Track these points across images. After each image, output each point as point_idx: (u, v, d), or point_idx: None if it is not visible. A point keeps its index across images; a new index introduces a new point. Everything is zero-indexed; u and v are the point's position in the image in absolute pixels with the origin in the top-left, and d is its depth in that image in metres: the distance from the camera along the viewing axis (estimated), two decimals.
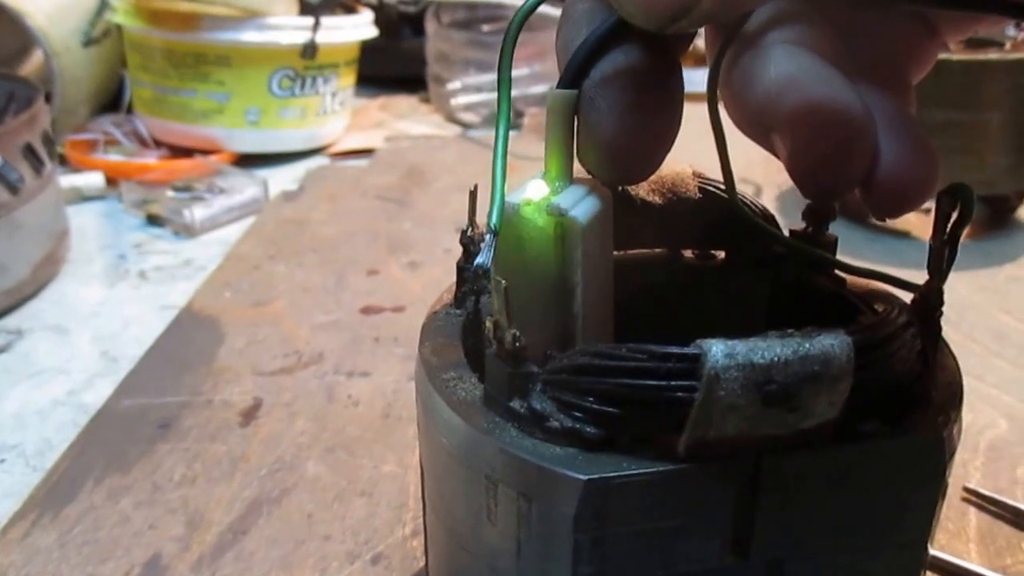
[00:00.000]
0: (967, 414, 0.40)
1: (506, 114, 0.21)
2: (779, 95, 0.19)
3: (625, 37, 0.20)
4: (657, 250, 0.29)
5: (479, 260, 0.20)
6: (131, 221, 0.71)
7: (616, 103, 0.20)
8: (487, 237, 0.21)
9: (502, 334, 0.20)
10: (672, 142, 0.21)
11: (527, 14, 0.21)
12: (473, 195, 0.25)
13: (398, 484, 0.38)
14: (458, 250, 0.26)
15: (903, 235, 0.67)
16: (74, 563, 0.34)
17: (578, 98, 0.20)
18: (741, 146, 0.24)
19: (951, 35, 0.24)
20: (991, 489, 0.38)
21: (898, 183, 0.20)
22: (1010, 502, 0.37)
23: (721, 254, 0.29)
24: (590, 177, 0.22)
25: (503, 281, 0.19)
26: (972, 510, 0.37)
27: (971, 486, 0.38)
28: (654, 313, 0.28)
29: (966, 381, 0.23)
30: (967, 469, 0.39)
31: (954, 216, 0.20)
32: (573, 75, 0.20)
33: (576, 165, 0.22)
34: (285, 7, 0.84)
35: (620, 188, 0.26)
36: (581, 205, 0.21)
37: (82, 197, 0.74)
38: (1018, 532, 0.36)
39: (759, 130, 0.21)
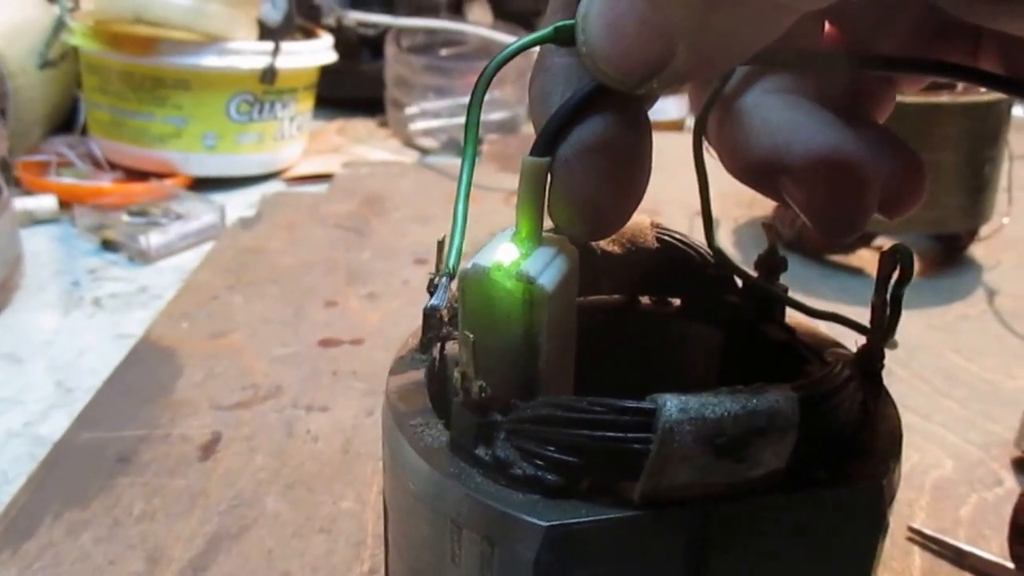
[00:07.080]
0: (914, 454, 0.42)
1: (471, 158, 0.22)
2: (787, 146, 0.20)
3: (600, 103, 0.21)
4: (615, 296, 0.30)
5: (433, 302, 0.22)
6: (85, 246, 0.70)
7: (593, 168, 0.21)
8: (443, 280, 0.22)
9: (469, 385, 0.21)
10: (642, 197, 0.22)
11: (490, 79, 0.22)
12: (441, 245, 0.26)
13: (357, 521, 0.39)
14: (417, 282, 0.27)
15: (856, 272, 0.68)
16: None
17: (552, 162, 0.21)
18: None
19: (907, 86, 0.26)
20: (935, 529, 0.39)
21: (895, 193, 0.21)
22: (952, 542, 0.38)
23: (677, 301, 0.30)
24: (558, 236, 0.23)
25: (471, 335, 0.20)
26: (916, 549, 0.38)
27: (916, 526, 0.39)
28: (612, 357, 0.29)
29: (914, 420, 0.24)
30: (912, 509, 0.41)
31: (895, 276, 0.22)
32: (547, 143, 0.21)
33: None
34: (245, 32, 0.84)
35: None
36: (549, 270, 0.22)
37: (34, 220, 0.73)
38: (960, 571, 0.37)
39: (762, 180, 0.21)
